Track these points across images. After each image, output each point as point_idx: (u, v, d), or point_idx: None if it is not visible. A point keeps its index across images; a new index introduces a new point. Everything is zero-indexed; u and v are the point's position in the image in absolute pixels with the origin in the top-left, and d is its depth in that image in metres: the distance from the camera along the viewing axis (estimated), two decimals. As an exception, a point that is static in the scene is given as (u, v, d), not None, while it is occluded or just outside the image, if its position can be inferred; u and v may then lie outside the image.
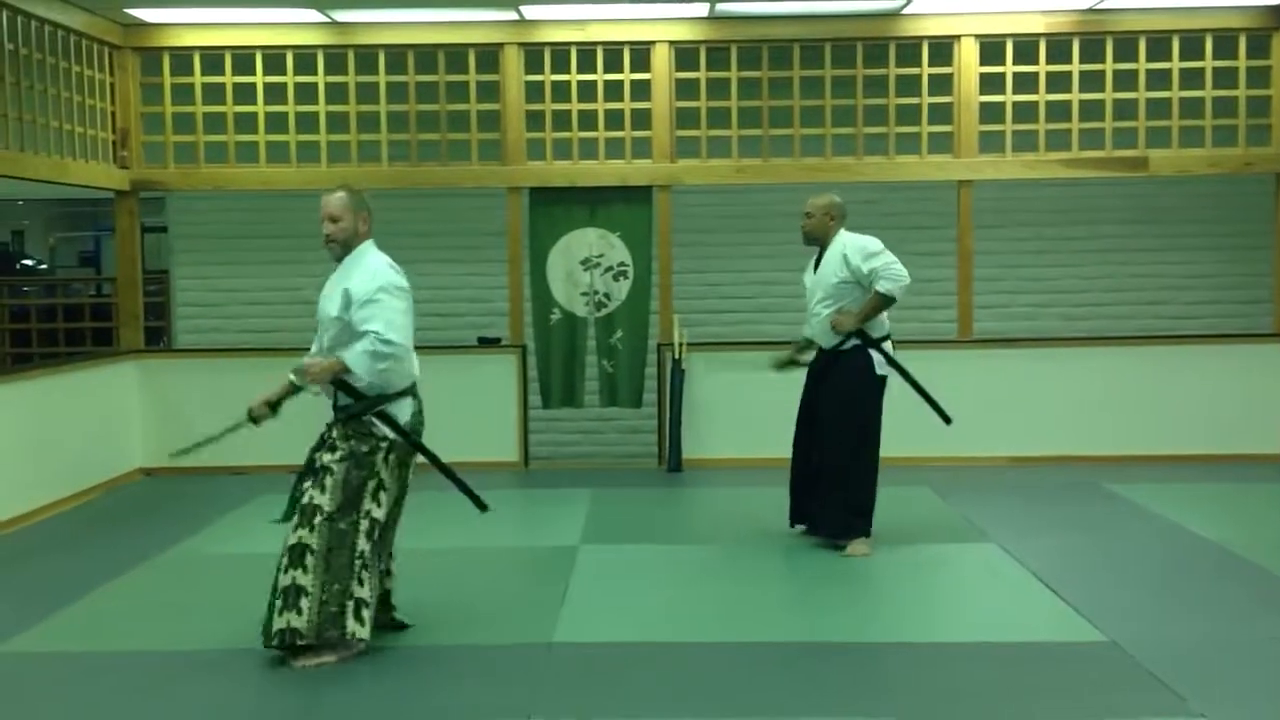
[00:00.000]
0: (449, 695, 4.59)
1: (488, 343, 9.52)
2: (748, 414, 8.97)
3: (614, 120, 9.22)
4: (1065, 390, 9.01)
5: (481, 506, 5.23)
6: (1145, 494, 7.85)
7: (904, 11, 8.95)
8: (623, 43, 9.14)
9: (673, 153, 9.21)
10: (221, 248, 10.35)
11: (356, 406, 4.94)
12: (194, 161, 9.28)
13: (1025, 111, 9.13)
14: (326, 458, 4.92)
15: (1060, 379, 9.01)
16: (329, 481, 4.88)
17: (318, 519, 4.86)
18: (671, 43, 9.15)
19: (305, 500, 4.89)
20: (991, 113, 9.15)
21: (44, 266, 19.30)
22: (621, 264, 9.15)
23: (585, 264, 9.13)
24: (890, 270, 6.32)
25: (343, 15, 8.91)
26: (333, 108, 9.20)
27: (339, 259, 5.07)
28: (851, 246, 6.45)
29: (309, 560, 4.83)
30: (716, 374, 9.14)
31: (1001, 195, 9.90)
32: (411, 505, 5.24)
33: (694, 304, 9.95)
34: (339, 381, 4.92)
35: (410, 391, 5.06)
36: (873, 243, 6.46)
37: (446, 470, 5.15)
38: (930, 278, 9.27)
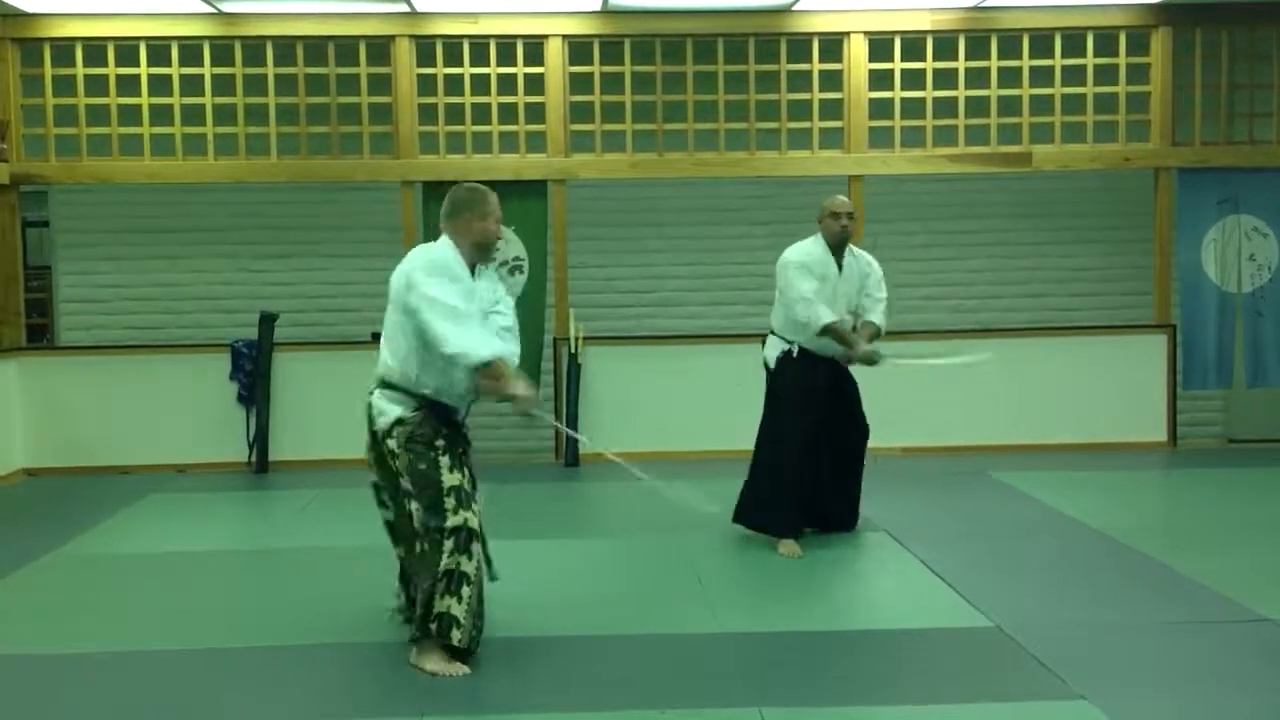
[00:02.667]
0: (335, 693, 4.56)
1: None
2: (644, 408, 9.02)
3: (507, 114, 9.20)
4: (954, 381, 9.14)
5: None
6: (1031, 482, 8.04)
7: (794, 8, 9.04)
8: (516, 36, 9.12)
9: (567, 147, 9.21)
10: (106, 243, 10.10)
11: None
12: (77, 155, 9.08)
13: (913, 107, 9.29)
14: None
15: (949, 370, 9.15)
16: None
17: None
18: (565, 36, 9.14)
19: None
20: (880, 108, 9.29)
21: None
22: (517, 258, 9.12)
23: (480, 258, 9.06)
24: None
25: (229, 6, 8.77)
26: (219, 100, 9.06)
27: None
28: (870, 262, 6.55)
29: None
30: (612, 368, 9.16)
31: (891, 190, 10.03)
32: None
33: (590, 298, 9.94)
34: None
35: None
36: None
37: None
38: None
